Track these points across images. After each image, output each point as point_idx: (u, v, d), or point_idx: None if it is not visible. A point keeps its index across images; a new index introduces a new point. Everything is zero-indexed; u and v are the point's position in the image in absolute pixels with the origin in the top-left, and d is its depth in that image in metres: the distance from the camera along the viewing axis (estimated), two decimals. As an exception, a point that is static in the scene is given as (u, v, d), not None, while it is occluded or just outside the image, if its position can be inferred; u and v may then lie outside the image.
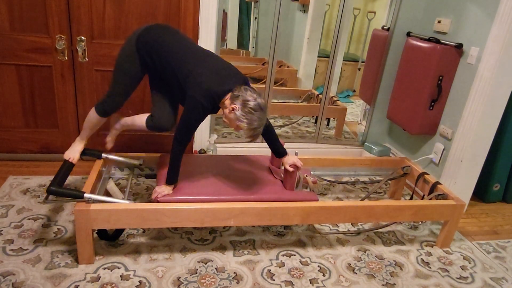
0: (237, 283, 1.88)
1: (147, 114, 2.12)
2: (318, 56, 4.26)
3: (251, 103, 1.79)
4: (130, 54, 1.97)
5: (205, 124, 2.96)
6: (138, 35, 1.96)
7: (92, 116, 2.10)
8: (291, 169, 2.09)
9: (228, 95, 1.85)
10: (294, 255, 2.13)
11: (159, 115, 2.08)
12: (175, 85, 1.96)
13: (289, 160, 2.11)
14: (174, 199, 1.94)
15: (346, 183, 2.81)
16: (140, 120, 2.12)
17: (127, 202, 1.86)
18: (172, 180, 1.96)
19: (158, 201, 1.91)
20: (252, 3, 4.13)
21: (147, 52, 1.95)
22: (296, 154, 2.16)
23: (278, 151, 2.14)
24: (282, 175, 2.24)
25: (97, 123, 2.12)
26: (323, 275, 2.00)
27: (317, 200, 2.09)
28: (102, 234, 2.02)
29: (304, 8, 4.12)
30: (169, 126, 2.11)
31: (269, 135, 2.10)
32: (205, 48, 2.74)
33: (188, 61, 1.89)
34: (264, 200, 2.02)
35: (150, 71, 2.03)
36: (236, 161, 2.41)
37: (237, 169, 2.31)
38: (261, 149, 3.13)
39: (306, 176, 2.19)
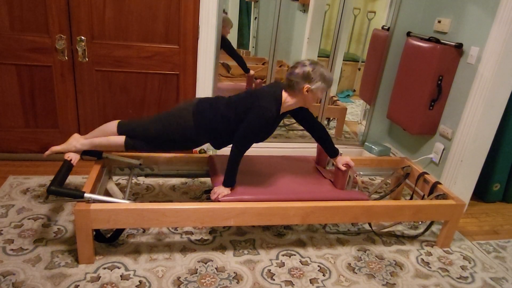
0: (237, 283, 1.88)
1: (122, 137, 2.08)
2: (318, 56, 4.25)
3: (306, 69, 1.90)
4: (187, 125, 2.02)
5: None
6: (193, 109, 2.02)
7: (111, 125, 2.10)
8: (344, 168, 2.14)
9: (286, 95, 1.97)
10: (294, 255, 2.13)
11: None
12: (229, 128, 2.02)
13: (342, 159, 2.17)
14: (234, 198, 1.98)
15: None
16: (119, 139, 2.08)
17: (127, 202, 1.86)
18: (231, 183, 2.02)
19: (219, 201, 1.95)
20: (252, 3, 4.12)
21: (204, 120, 2.02)
22: (340, 154, 2.21)
23: (332, 151, 2.22)
24: (330, 175, 2.30)
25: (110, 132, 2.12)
26: (323, 275, 2.00)
27: (368, 200, 2.13)
28: (99, 237, 2.01)
29: (304, 8, 4.11)
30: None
31: (325, 137, 2.21)
32: (205, 48, 2.77)
33: (234, 100, 2.04)
34: (319, 199, 2.07)
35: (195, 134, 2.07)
36: (284, 161, 2.45)
37: (286, 169, 2.35)
38: (261, 149, 3.13)
39: (356, 175, 2.22)
